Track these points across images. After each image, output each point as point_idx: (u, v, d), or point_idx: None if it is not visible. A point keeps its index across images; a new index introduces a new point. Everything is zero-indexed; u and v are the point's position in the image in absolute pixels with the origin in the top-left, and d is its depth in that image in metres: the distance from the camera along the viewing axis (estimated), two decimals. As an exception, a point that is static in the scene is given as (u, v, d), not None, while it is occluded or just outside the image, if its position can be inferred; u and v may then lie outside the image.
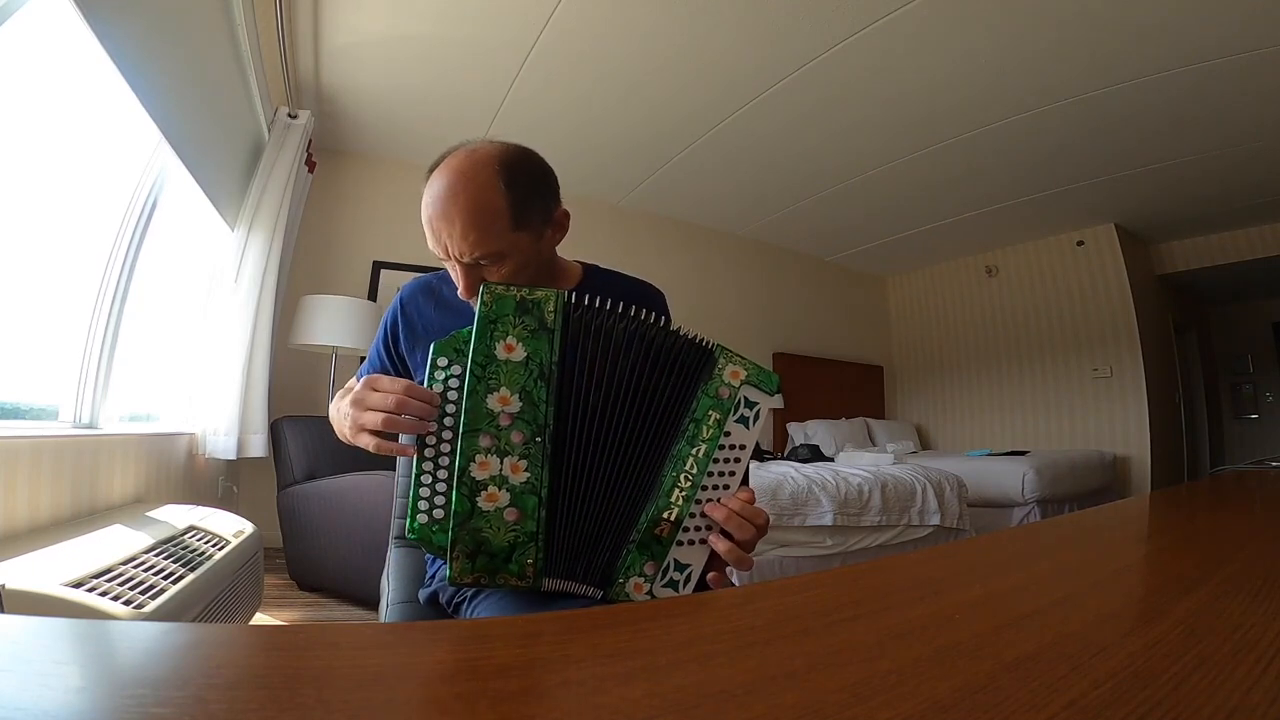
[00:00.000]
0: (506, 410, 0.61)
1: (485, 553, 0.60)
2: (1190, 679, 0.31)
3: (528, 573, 0.61)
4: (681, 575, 0.65)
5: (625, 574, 0.64)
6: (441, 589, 0.82)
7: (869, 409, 5.53)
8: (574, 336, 0.64)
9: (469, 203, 0.70)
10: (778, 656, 0.34)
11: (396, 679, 0.29)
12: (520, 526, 0.60)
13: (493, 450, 0.60)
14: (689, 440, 0.66)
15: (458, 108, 3.19)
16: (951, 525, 2.88)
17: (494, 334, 0.62)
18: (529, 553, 0.61)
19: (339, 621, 2.13)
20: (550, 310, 0.64)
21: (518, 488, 0.60)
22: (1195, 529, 0.81)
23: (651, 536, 0.64)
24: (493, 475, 0.60)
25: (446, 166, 0.73)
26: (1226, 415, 6.19)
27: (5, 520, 1.24)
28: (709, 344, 0.68)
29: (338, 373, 3.16)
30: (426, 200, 0.73)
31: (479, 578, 0.60)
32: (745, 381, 0.67)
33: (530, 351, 0.62)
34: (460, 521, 0.59)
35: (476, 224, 0.70)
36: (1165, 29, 2.43)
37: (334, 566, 2.27)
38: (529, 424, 0.61)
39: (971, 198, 4.23)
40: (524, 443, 0.61)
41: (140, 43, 1.60)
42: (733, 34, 2.54)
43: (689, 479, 0.65)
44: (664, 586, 0.64)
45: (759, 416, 0.67)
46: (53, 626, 0.34)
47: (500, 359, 0.62)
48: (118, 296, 1.83)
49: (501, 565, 0.60)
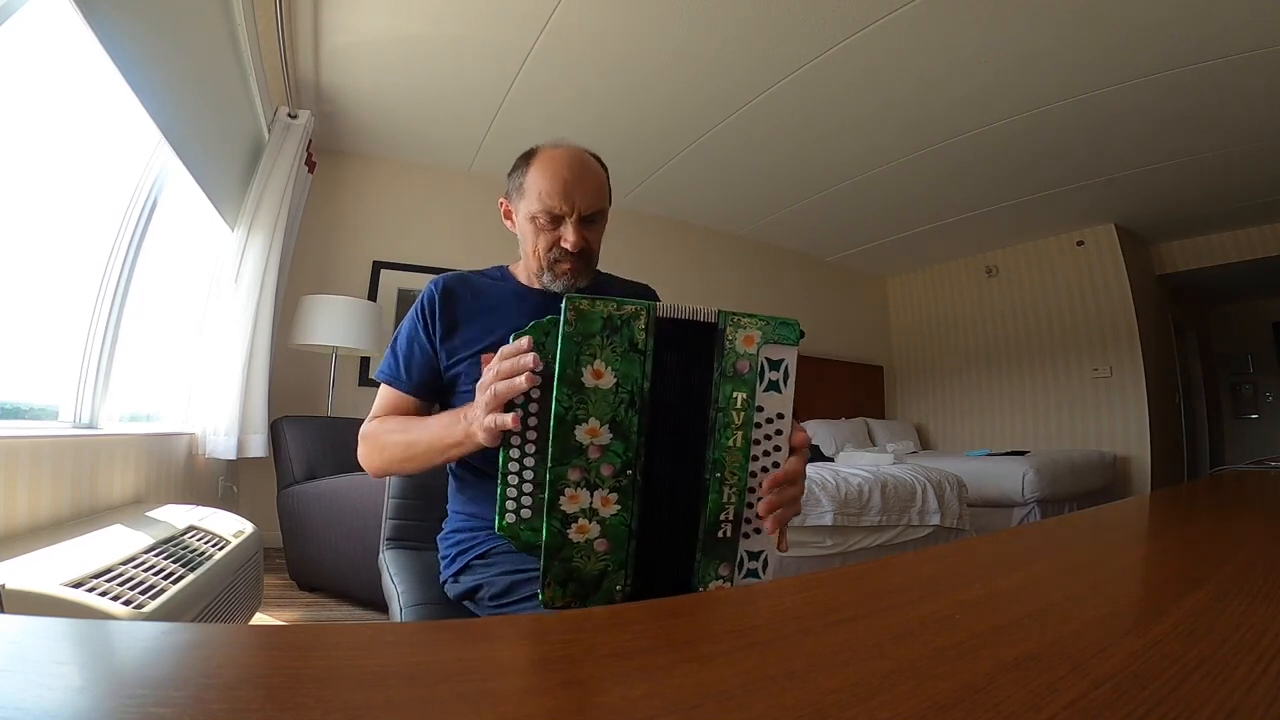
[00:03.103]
0: (596, 442, 0.58)
1: (576, 580, 0.60)
2: (1190, 679, 0.31)
3: (615, 598, 0.61)
4: (758, 563, 0.65)
5: (704, 582, 0.64)
6: (489, 583, 0.82)
7: (869, 409, 5.53)
8: (662, 353, 0.59)
9: (594, 171, 0.91)
10: (778, 656, 0.34)
11: (396, 679, 0.29)
12: (610, 556, 0.60)
13: (582, 484, 0.58)
14: (724, 432, 0.61)
15: (458, 108, 3.19)
16: (951, 525, 2.87)
17: (580, 357, 0.56)
18: (618, 580, 0.61)
19: (339, 621, 2.13)
20: (641, 327, 0.58)
21: (608, 520, 0.59)
22: (1195, 529, 0.81)
23: (715, 541, 0.63)
24: (583, 508, 0.58)
25: (561, 147, 0.90)
26: (1226, 415, 6.19)
27: (5, 520, 1.24)
28: (707, 317, 0.61)
29: (338, 373, 3.16)
30: (554, 168, 0.87)
31: (570, 602, 0.60)
32: (763, 343, 0.60)
33: (620, 377, 0.57)
34: (552, 552, 0.59)
35: (598, 187, 0.90)
36: (1164, 29, 2.43)
37: (334, 566, 2.27)
38: (619, 456, 0.58)
39: (971, 198, 4.23)
40: (614, 475, 0.58)
41: (140, 43, 1.60)
42: (733, 33, 2.54)
43: (734, 474, 0.62)
44: (744, 578, 0.65)
45: (789, 374, 0.61)
46: (53, 626, 0.34)
47: (589, 386, 0.57)
48: (118, 296, 1.83)
49: (592, 591, 0.61)
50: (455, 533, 0.91)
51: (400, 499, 1.11)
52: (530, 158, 0.91)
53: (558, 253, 0.89)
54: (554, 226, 0.88)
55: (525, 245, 0.93)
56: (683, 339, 0.61)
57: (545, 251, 0.90)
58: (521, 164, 0.92)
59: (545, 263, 0.91)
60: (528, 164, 0.91)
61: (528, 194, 0.89)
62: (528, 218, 0.90)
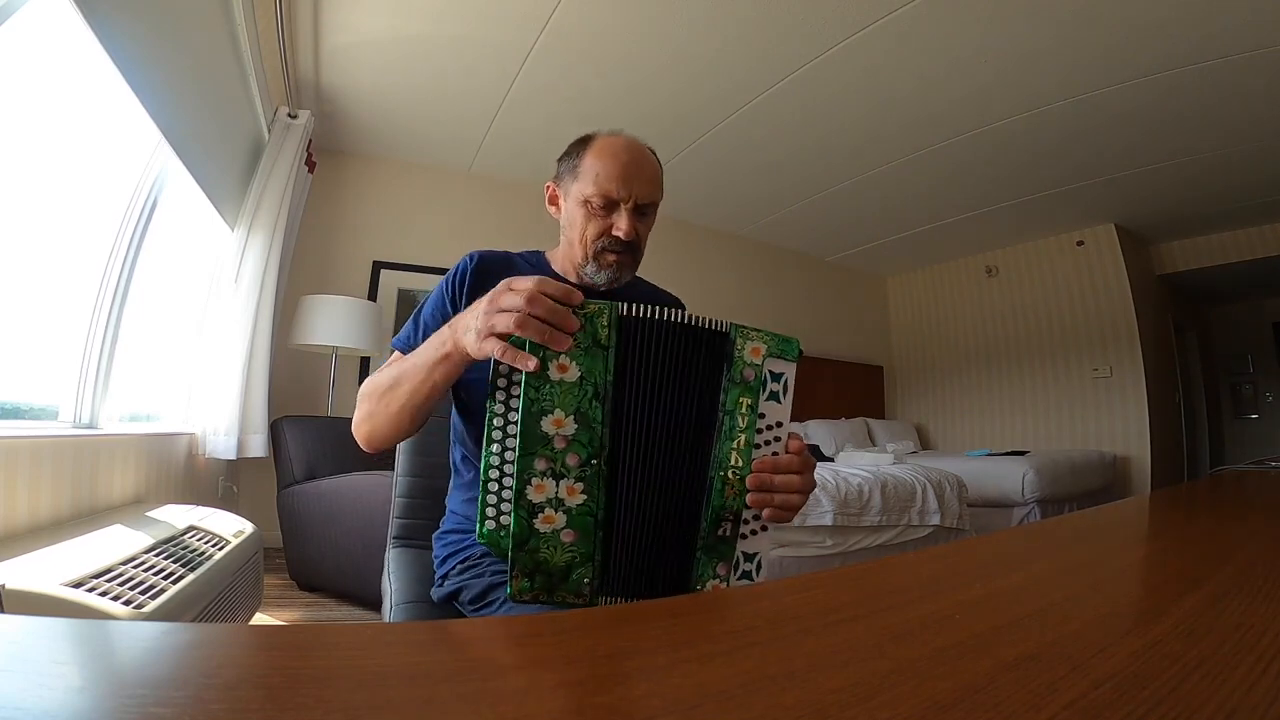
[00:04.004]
0: (561, 433, 0.60)
1: (543, 572, 0.60)
2: (1190, 679, 0.31)
3: (584, 591, 0.62)
4: (752, 565, 0.66)
5: (701, 581, 0.65)
6: (467, 586, 0.81)
7: (869, 409, 5.53)
8: (627, 351, 0.61)
9: (652, 161, 0.89)
10: (778, 656, 0.34)
11: (396, 679, 0.29)
12: (577, 547, 0.61)
13: (548, 474, 0.60)
14: (727, 434, 0.64)
15: (458, 108, 3.19)
16: (951, 525, 2.87)
17: (546, 352, 0.59)
18: (585, 572, 0.61)
19: (339, 621, 2.13)
20: (604, 324, 0.60)
21: (574, 510, 0.60)
22: (1195, 529, 0.81)
23: (716, 539, 0.65)
24: (549, 498, 0.60)
25: (620, 135, 0.88)
26: (1226, 415, 6.19)
27: (5, 520, 1.24)
28: (723, 326, 0.65)
29: (338, 372, 3.16)
30: (614, 154, 0.85)
31: (537, 595, 0.61)
32: (767, 355, 0.65)
33: (585, 371, 0.60)
34: (519, 543, 0.59)
35: (655, 178, 0.88)
36: (1164, 29, 2.43)
37: (334, 566, 2.27)
38: (585, 446, 0.60)
39: (971, 198, 4.23)
40: (579, 465, 0.60)
41: (140, 43, 1.60)
42: (733, 33, 2.54)
43: (736, 473, 0.64)
44: (739, 579, 0.66)
45: (788, 387, 0.66)
46: (53, 626, 0.34)
47: (554, 379, 0.59)
48: (118, 296, 1.83)
49: (559, 584, 0.61)
50: (448, 534, 0.91)
51: (407, 498, 1.12)
52: (588, 141, 0.88)
53: (607, 240, 0.85)
54: (607, 213, 0.85)
55: (572, 232, 0.88)
56: (704, 344, 0.64)
57: (594, 239, 0.86)
58: (578, 147, 0.89)
59: (592, 251, 0.86)
60: (585, 147, 0.87)
61: (583, 176, 0.85)
62: (579, 201, 0.86)
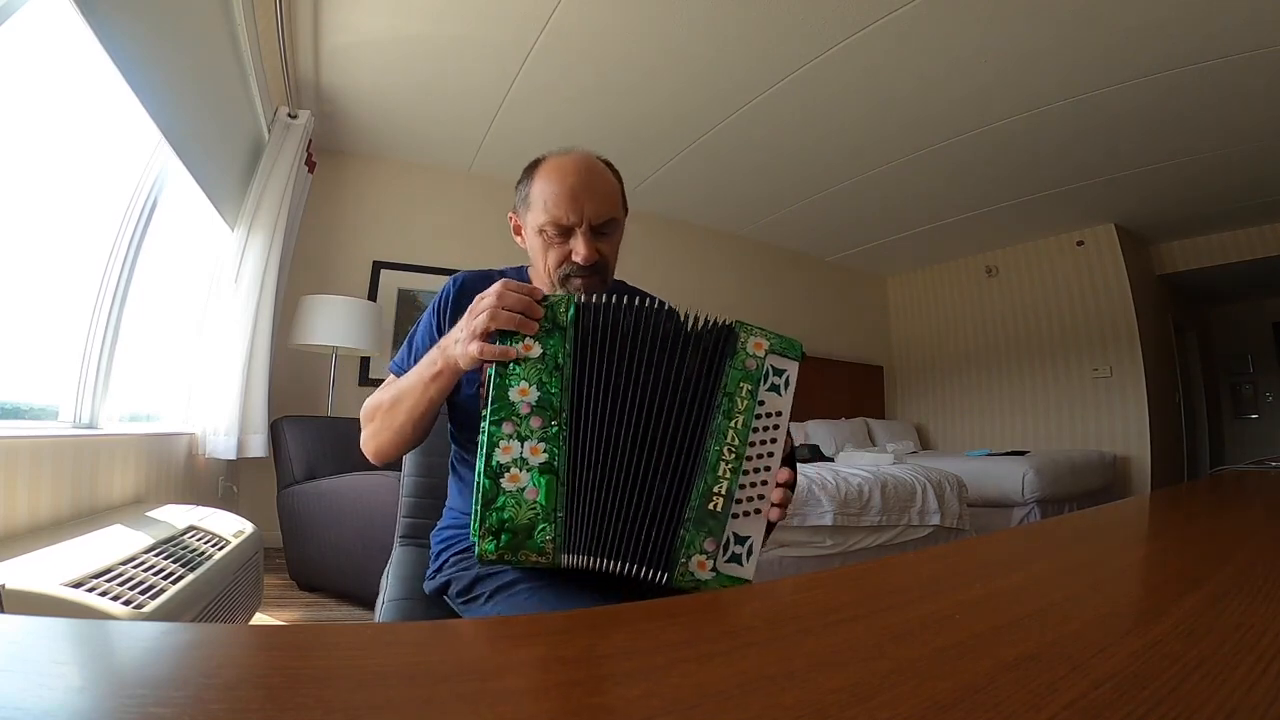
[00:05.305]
0: (526, 400, 0.65)
1: (508, 530, 0.63)
2: (1190, 679, 0.31)
3: (547, 549, 0.64)
4: (743, 548, 0.68)
5: (686, 553, 0.67)
6: (456, 579, 0.81)
7: (869, 409, 5.53)
8: (586, 330, 0.68)
9: (603, 177, 0.86)
10: (778, 656, 0.34)
11: (396, 679, 0.29)
12: (540, 504, 0.64)
13: (514, 436, 0.65)
14: (725, 414, 0.68)
15: (458, 108, 3.19)
16: (951, 525, 2.87)
17: (514, 339, 0.67)
18: (548, 530, 0.64)
19: (339, 621, 2.13)
20: (563, 310, 0.68)
21: (536, 468, 0.64)
22: (1195, 529, 0.81)
23: (705, 512, 0.67)
24: (514, 458, 0.64)
25: (568, 154, 0.86)
26: (1226, 415, 6.19)
27: (5, 520, 1.24)
28: (727, 321, 0.70)
29: (338, 372, 3.16)
30: (560, 176, 0.83)
31: (503, 554, 0.63)
32: (770, 351, 0.70)
33: (546, 349, 0.67)
34: (486, 502, 0.63)
35: (609, 194, 0.85)
36: (1164, 29, 2.43)
37: (334, 566, 2.27)
38: (546, 409, 0.66)
39: (971, 198, 4.23)
40: (542, 426, 0.65)
41: (140, 43, 1.60)
42: (733, 33, 2.54)
43: (732, 450, 0.68)
44: (728, 562, 0.67)
45: (789, 383, 0.70)
46: (53, 626, 0.34)
47: (520, 357, 0.67)
48: (118, 296, 1.83)
49: (524, 542, 0.63)
50: (444, 529, 0.91)
51: (413, 498, 1.13)
52: (535, 167, 0.87)
53: (569, 268, 0.83)
54: (564, 239, 0.83)
55: (537, 262, 0.87)
56: (696, 330, 0.69)
57: (555, 267, 0.84)
58: (526, 174, 0.87)
59: (556, 279, 0.84)
60: (532, 174, 0.86)
61: (534, 204, 0.84)
62: (535, 230, 0.84)
